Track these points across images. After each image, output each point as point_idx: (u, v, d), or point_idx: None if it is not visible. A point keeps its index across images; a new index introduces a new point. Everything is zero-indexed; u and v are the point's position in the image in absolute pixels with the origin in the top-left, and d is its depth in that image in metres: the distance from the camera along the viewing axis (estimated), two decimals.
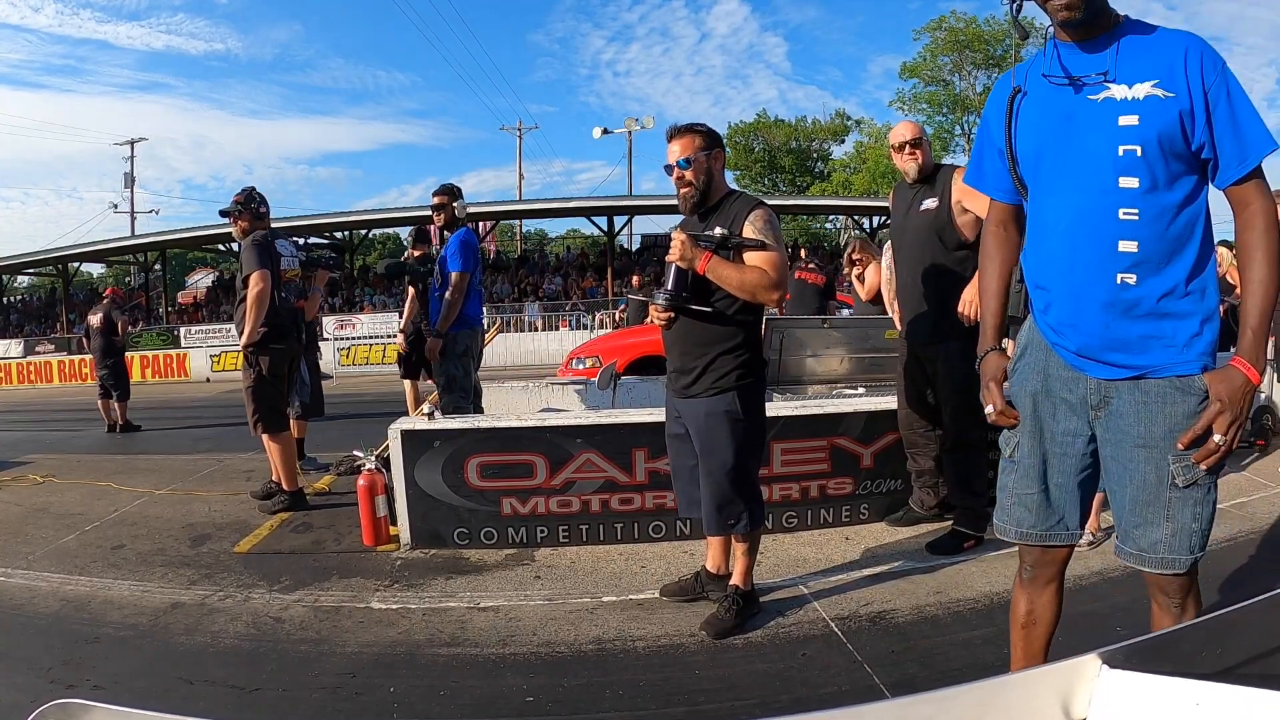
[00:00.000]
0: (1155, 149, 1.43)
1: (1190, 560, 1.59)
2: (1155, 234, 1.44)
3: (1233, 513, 3.66)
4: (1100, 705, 0.90)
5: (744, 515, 2.54)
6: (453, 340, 4.18)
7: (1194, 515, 1.53)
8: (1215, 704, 0.83)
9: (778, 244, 2.46)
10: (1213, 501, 1.55)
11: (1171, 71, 1.45)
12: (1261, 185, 1.44)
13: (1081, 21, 1.47)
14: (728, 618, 2.54)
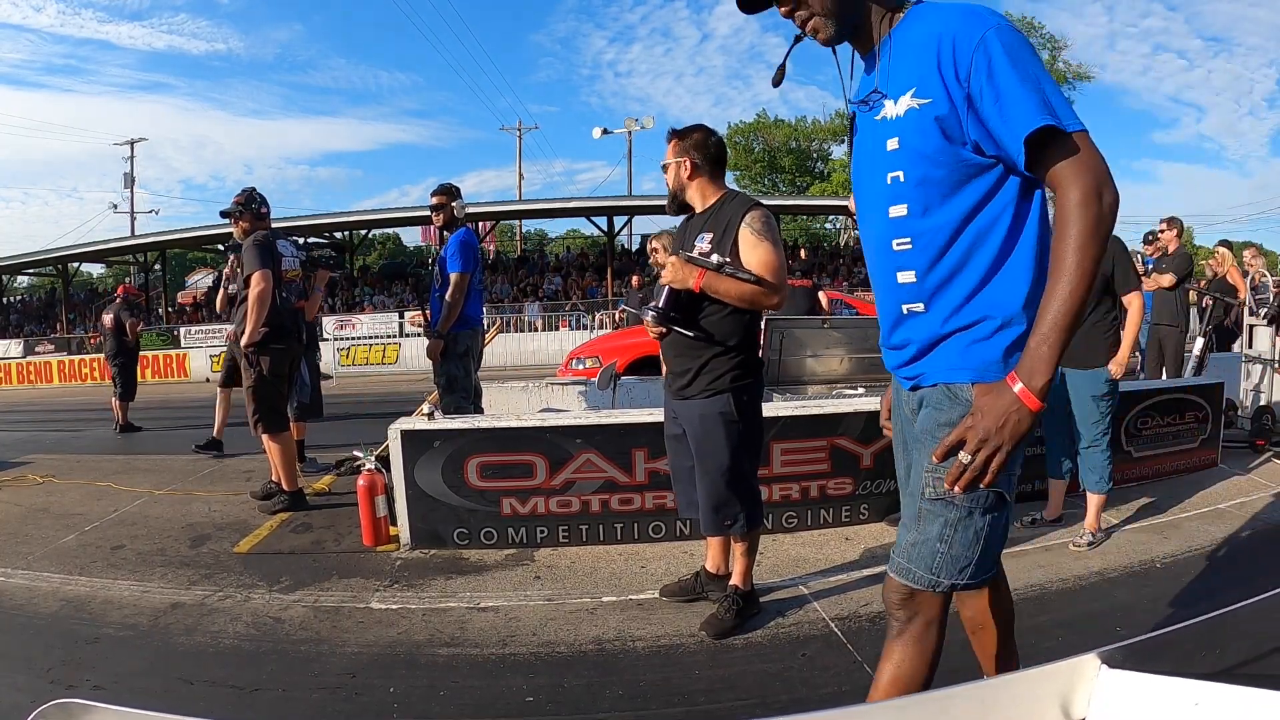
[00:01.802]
0: (918, 170, 1.30)
1: (928, 580, 1.43)
2: (931, 259, 1.33)
3: (1233, 513, 3.66)
4: (1100, 705, 0.90)
5: (740, 516, 2.53)
6: (453, 340, 4.18)
7: (941, 535, 1.40)
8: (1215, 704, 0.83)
9: (775, 246, 2.44)
10: (977, 529, 1.37)
11: (925, 72, 1.27)
12: (1070, 165, 1.21)
13: (835, 39, 1.37)
14: (727, 618, 2.55)
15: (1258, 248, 8.10)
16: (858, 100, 1.41)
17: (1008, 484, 1.36)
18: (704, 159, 2.53)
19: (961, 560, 1.41)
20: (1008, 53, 1.22)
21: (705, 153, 2.54)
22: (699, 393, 2.49)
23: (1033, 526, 3.48)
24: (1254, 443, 4.79)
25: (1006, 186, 1.30)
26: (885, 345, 1.51)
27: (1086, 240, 1.19)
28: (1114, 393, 3.26)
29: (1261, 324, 5.60)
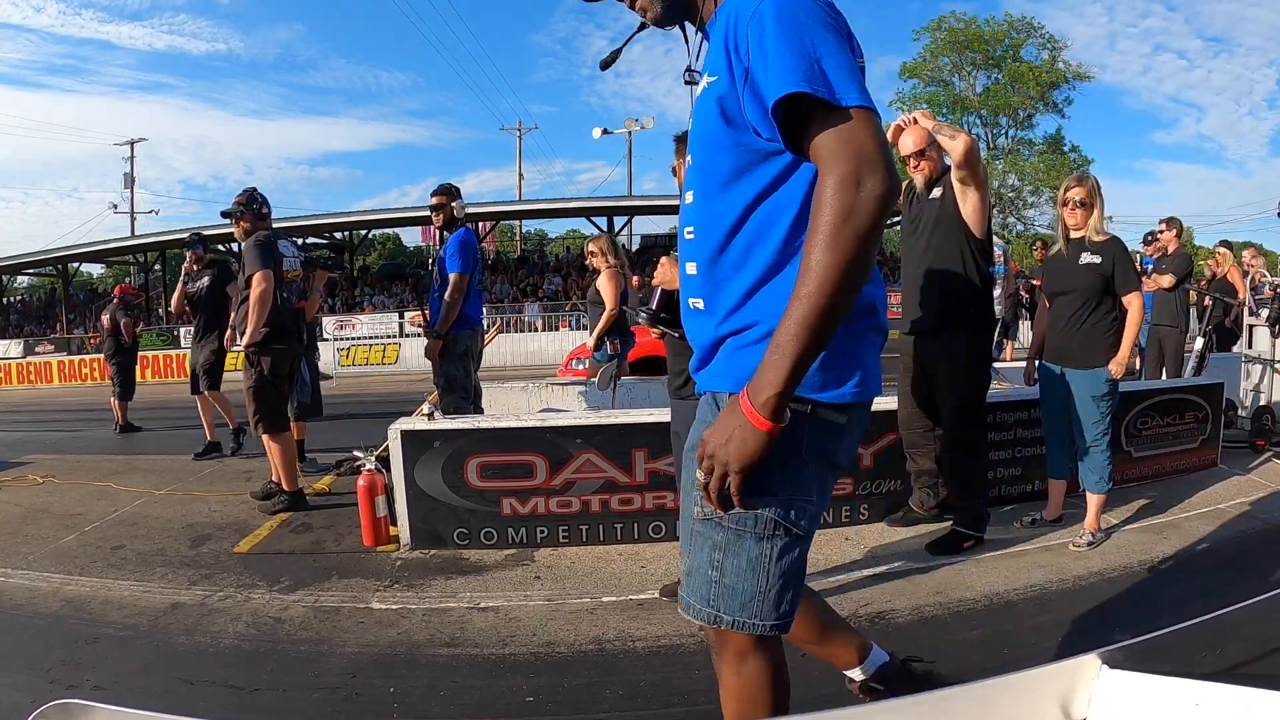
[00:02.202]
0: (701, 154, 1.22)
1: (707, 614, 1.25)
2: (711, 252, 1.22)
3: (1233, 513, 3.66)
4: (1100, 705, 0.90)
5: None
6: (453, 340, 4.18)
7: (711, 560, 1.22)
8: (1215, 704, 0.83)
9: None
10: (751, 557, 1.19)
11: (717, 51, 1.17)
12: (830, 143, 1.05)
13: (664, 19, 1.30)
14: None
15: (1257, 248, 8.10)
16: (687, 83, 1.33)
17: (785, 511, 1.18)
18: None
19: (741, 593, 1.21)
20: (782, 17, 1.08)
21: None
22: (694, 393, 2.49)
23: (1033, 526, 3.48)
24: (1254, 443, 4.79)
25: (796, 176, 1.15)
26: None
27: (833, 234, 1.03)
28: (1114, 393, 3.26)
29: (1262, 324, 5.60)
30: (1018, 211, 32.53)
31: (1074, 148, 32.95)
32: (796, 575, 1.24)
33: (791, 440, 1.16)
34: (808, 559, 1.28)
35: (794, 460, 1.18)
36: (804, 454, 1.19)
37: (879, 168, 1.03)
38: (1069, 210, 3.30)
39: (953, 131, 3.15)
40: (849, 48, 1.11)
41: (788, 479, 1.18)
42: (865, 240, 1.03)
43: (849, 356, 1.21)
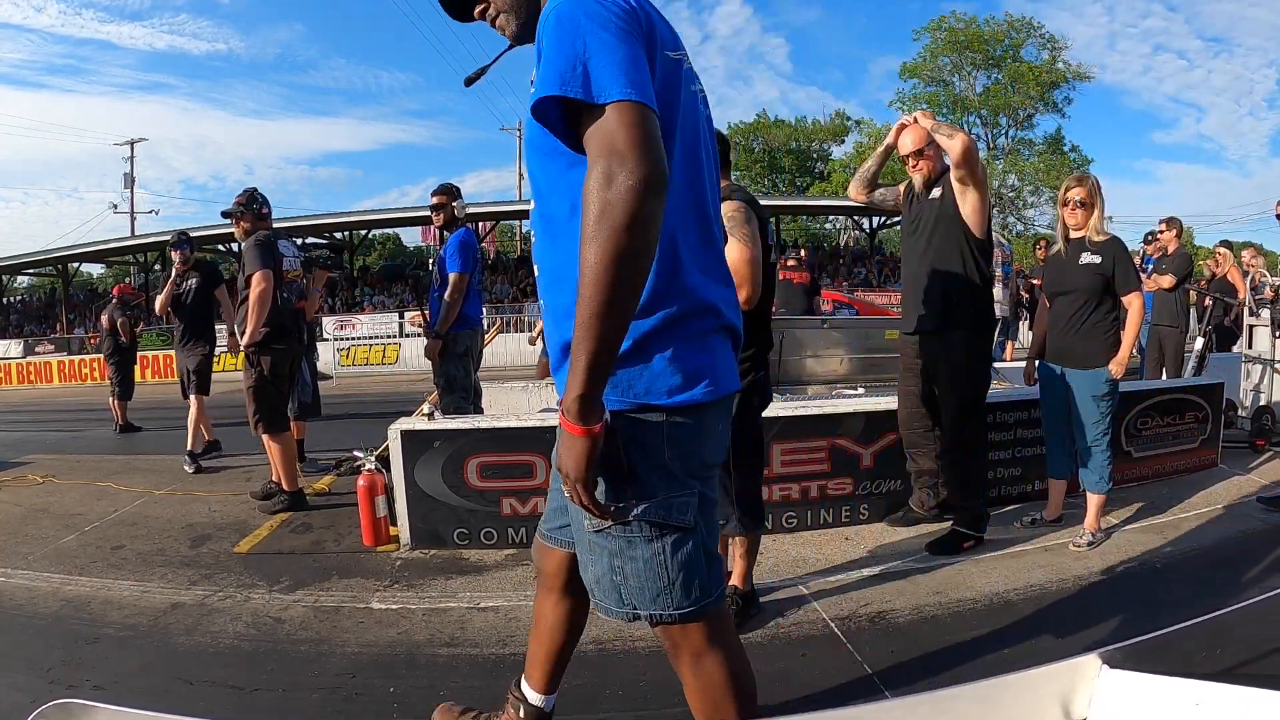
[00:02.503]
0: (527, 158, 1.26)
1: (625, 613, 1.29)
2: (542, 256, 1.27)
3: (1233, 513, 3.66)
4: (1100, 705, 0.90)
5: (732, 518, 2.50)
6: (453, 340, 4.18)
7: (612, 567, 1.26)
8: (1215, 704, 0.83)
9: (745, 241, 2.34)
10: (645, 559, 1.24)
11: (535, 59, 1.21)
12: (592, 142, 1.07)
13: (520, 36, 1.33)
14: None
15: (1257, 248, 8.10)
16: None
17: (665, 512, 1.22)
18: None
19: (649, 589, 1.26)
20: (561, 22, 1.11)
21: None
22: None
23: (1033, 526, 3.48)
24: (1254, 443, 4.79)
25: None
26: None
27: (593, 232, 1.03)
28: (1114, 393, 3.26)
29: (1262, 324, 5.60)
30: (1018, 211, 32.52)
31: (1074, 148, 32.98)
32: (699, 561, 1.27)
33: (652, 448, 1.20)
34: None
35: (660, 465, 1.22)
36: (667, 459, 1.22)
37: (629, 159, 1.04)
38: (1069, 210, 3.30)
39: (950, 130, 3.15)
40: (636, 44, 1.12)
41: (660, 482, 1.21)
42: (625, 233, 1.03)
43: (694, 360, 1.23)
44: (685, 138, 1.25)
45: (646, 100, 1.08)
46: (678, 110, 1.22)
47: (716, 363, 1.27)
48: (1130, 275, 3.24)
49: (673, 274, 1.22)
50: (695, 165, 1.28)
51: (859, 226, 25.30)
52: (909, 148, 3.30)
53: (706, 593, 1.29)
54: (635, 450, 1.20)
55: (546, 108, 1.10)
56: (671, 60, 1.21)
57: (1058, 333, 3.36)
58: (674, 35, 1.27)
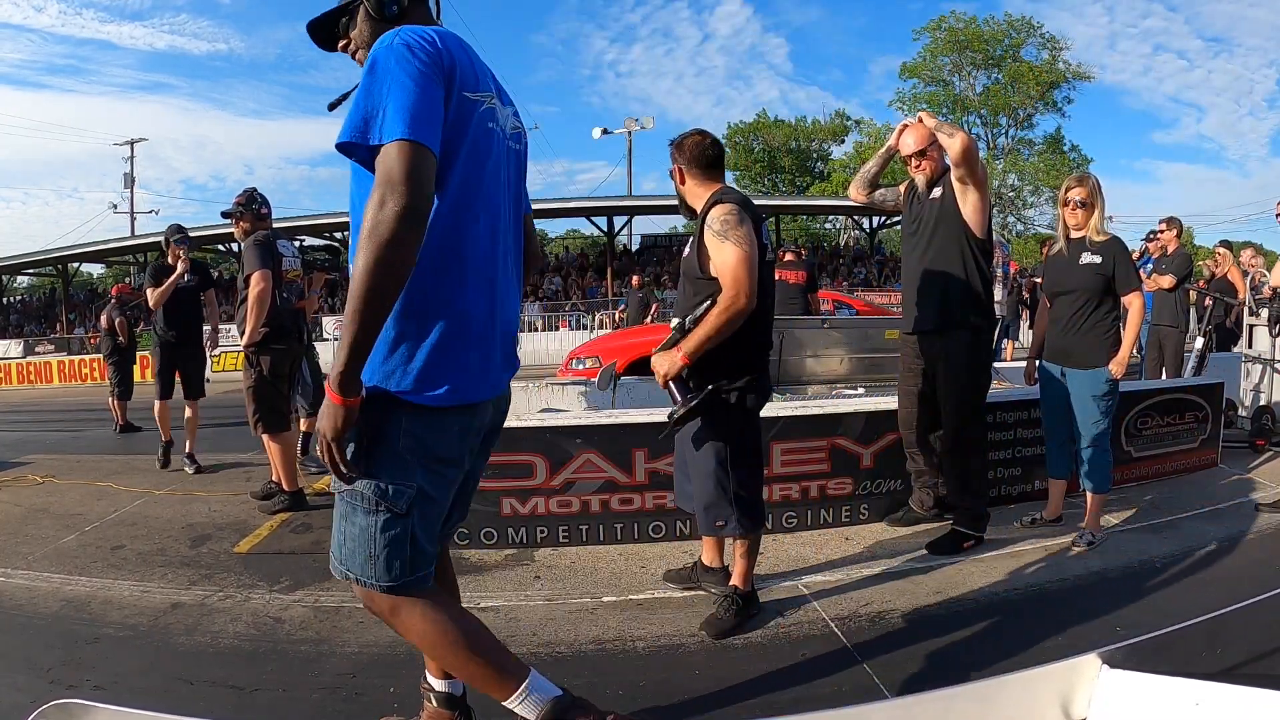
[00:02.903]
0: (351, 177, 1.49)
1: (339, 570, 1.52)
2: (353, 256, 1.45)
3: (1233, 513, 3.67)
4: (1100, 705, 0.90)
5: (731, 519, 2.49)
6: None
7: (339, 527, 1.50)
8: (1215, 704, 0.83)
9: (737, 243, 2.34)
10: (362, 527, 1.45)
11: None
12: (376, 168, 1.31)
13: None
14: (727, 618, 2.55)
15: (1257, 247, 8.11)
16: None
17: (384, 491, 1.43)
18: (690, 163, 2.55)
19: (357, 556, 1.47)
20: (373, 71, 1.35)
21: (691, 157, 2.55)
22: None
23: (1033, 526, 3.48)
24: (1254, 443, 4.79)
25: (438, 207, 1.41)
26: None
27: (362, 243, 1.27)
28: (1114, 393, 3.26)
29: (1262, 324, 5.60)
30: (1018, 211, 32.53)
31: (1074, 147, 33.02)
32: (401, 548, 1.47)
33: (388, 432, 1.43)
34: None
35: (390, 449, 1.43)
36: (400, 446, 1.43)
37: (398, 190, 1.27)
38: (1070, 210, 3.30)
39: (951, 129, 3.15)
40: (433, 86, 1.36)
41: (386, 465, 1.43)
42: (386, 248, 1.26)
43: (442, 366, 1.43)
44: (470, 168, 1.46)
45: (423, 140, 1.31)
46: (464, 144, 1.44)
47: (465, 372, 1.47)
48: (1131, 275, 3.24)
49: (439, 287, 1.43)
50: (478, 191, 1.48)
51: (859, 226, 25.31)
52: (911, 148, 3.31)
53: (405, 574, 1.48)
54: (376, 430, 1.42)
55: (348, 148, 1.36)
56: (469, 100, 1.44)
57: (1058, 332, 3.36)
58: (479, 77, 1.49)
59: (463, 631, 1.54)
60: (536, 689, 1.57)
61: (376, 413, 1.41)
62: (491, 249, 1.52)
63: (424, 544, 1.50)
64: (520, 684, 1.55)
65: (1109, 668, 0.91)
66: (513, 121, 1.62)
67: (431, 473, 1.47)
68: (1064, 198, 3.34)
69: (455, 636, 1.52)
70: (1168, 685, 0.88)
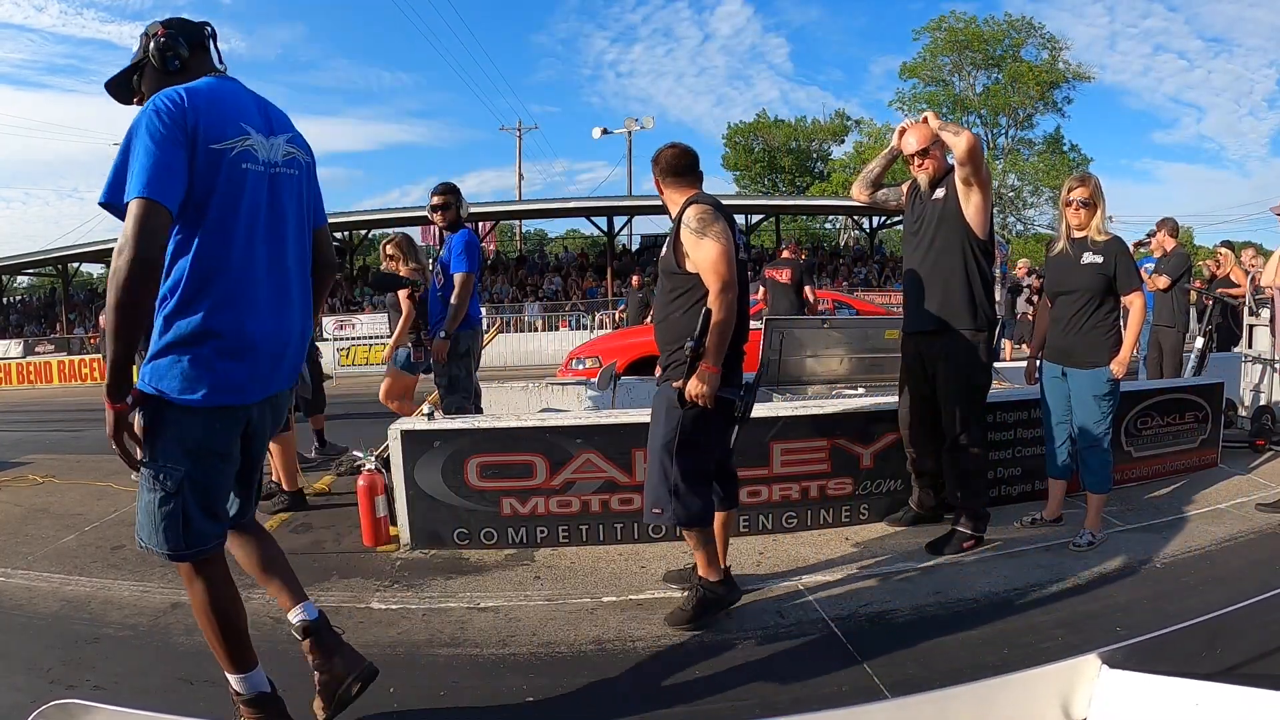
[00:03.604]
0: None
1: (141, 544, 1.81)
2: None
3: (1233, 513, 3.66)
4: (1100, 705, 0.90)
5: (668, 508, 2.51)
6: (456, 340, 4.18)
7: (137, 505, 1.79)
8: (1215, 704, 0.83)
9: (715, 239, 2.42)
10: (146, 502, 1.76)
11: None
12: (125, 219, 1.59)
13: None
14: (686, 608, 2.60)
15: (1257, 248, 8.11)
16: None
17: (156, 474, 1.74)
18: (664, 173, 2.68)
19: (146, 527, 1.78)
20: (130, 133, 1.62)
21: (665, 167, 2.67)
22: (664, 379, 2.61)
23: (1033, 526, 3.48)
24: (1254, 443, 4.78)
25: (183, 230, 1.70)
26: None
27: (109, 285, 1.58)
28: (1115, 393, 3.26)
29: (1262, 324, 5.60)
30: (1018, 211, 32.53)
31: (1074, 147, 33.01)
32: (175, 523, 1.76)
33: (161, 426, 1.73)
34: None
35: (162, 439, 1.73)
36: (168, 436, 1.73)
37: (130, 244, 1.56)
38: (1073, 210, 3.29)
39: (956, 129, 3.15)
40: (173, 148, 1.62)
41: (162, 451, 1.73)
42: (121, 291, 1.56)
43: (197, 372, 1.71)
44: (224, 208, 1.72)
45: (157, 197, 1.58)
46: (216, 188, 1.71)
47: (222, 380, 1.74)
48: (1132, 275, 3.24)
49: (193, 308, 1.70)
50: (235, 225, 1.74)
51: (859, 226, 25.29)
52: (914, 147, 3.31)
53: (182, 547, 1.78)
54: (152, 423, 1.73)
55: (108, 207, 1.64)
56: (215, 151, 1.70)
57: (1059, 332, 3.35)
58: (229, 124, 1.74)
59: (222, 617, 1.85)
60: (253, 682, 1.91)
61: (151, 410, 1.72)
62: (257, 272, 1.79)
63: (198, 523, 1.78)
64: (244, 671, 1.90)
65: (1109, 668, 0.92)
66: (284, 149, 1.88)
67: (198, 461, 1.75)
68: (1066, 198, 3.33)
69: (215, 618, 1.84)
70: (1168, 685, 0.88)
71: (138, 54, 1.87)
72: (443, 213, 4.30)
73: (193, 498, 1.76)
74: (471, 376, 4.33)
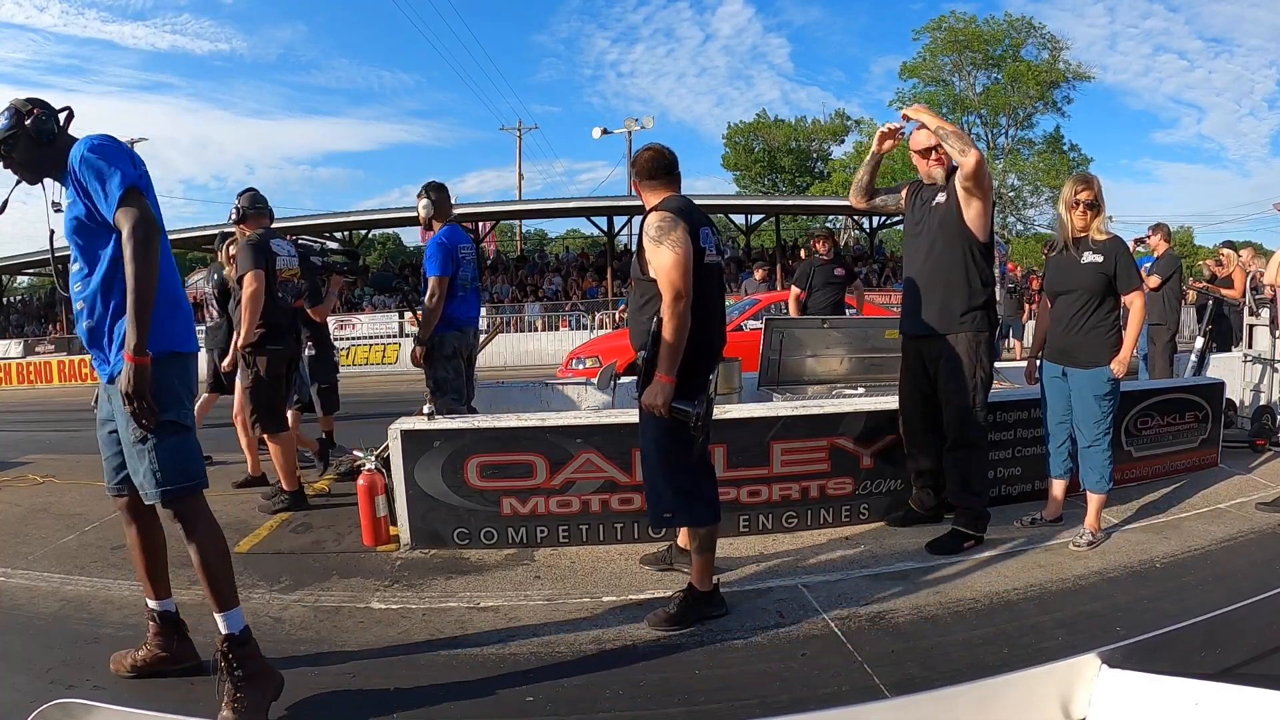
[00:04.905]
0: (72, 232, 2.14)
1: (160, 492, 2.11)
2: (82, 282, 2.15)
3: (1233, 513, 3.66)
4: (1100, 705, 0.90)
5: (675, 510, 2.56)
6: (439, 342, 4.15)
7: (151, 458, 2.09)
8: (1214, 704, 0.83)
9: (671, 247, 2.44)
10: (173, 446, 2.11)
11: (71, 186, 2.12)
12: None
13: (31, 179, 2.25)
14: (672, 610, 2.59)
15: (1257, 247, 8.12)
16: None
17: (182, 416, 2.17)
18: (640, 176, 2.76)
19: (175, 469, 2.13)
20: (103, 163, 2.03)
21: (641, 170, 2.75)
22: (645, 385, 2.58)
23: (1033, 526, 3.48)
24: (1254, 443, 4.79)
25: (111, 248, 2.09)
26: None
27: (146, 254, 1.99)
28: (1115, 392, 3.26)
29: (1262, 324, 5.61)
30: (1018, 211, 32.52)
31: (1074, 147, 32.99)
32: (199, 453, 2.27)
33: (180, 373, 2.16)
34: None
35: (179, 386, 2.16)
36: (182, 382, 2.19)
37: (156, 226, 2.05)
38: (1079, 212, 3.26)
39: (963, 146, 3.13)
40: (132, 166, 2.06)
41: (181, 397, 2.16)
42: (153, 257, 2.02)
43: (187, 327, 2.22)
44: None
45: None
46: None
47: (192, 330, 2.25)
48: (1133, 274, 3.24)
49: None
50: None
51: (859, 226, 25.28)
52: (922, 144, 3.31)
53: (202, 474, 2.21)
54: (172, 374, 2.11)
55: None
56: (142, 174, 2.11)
57: (1060, 332, 3.35)
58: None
59: (222, 543, 2.23)
60: (238, 619, 2.20)
61: (171, 363, 2.11)
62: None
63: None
64: (235, 606, 2.21)
65: (1109, 668, 0.91)
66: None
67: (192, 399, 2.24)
68: (1071, 200, 3.29)
69: (219, 545, 2.21)
70: (1167, 685, 0.88)
71: (9, 126, 2.11)
72: (421, 214, 4.27)
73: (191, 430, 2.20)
74: (462, 378, 4.28)
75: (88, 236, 2.11)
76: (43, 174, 2.19)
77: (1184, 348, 6.81)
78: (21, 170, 2.18)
